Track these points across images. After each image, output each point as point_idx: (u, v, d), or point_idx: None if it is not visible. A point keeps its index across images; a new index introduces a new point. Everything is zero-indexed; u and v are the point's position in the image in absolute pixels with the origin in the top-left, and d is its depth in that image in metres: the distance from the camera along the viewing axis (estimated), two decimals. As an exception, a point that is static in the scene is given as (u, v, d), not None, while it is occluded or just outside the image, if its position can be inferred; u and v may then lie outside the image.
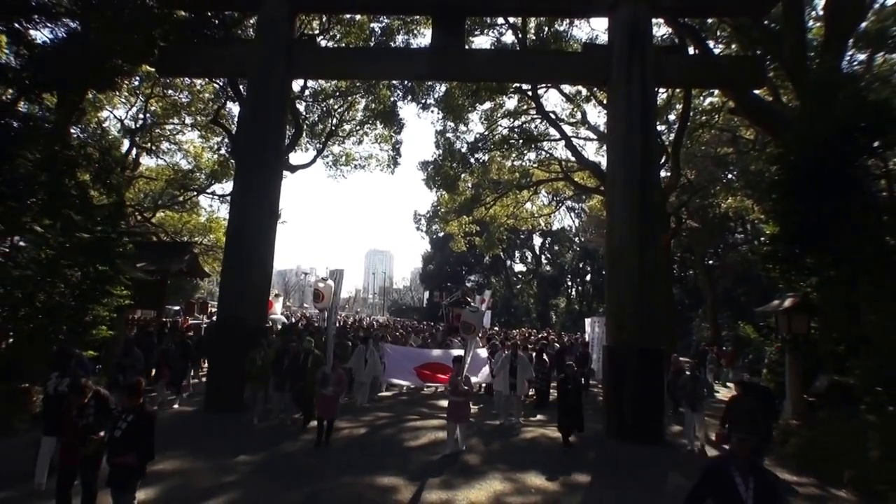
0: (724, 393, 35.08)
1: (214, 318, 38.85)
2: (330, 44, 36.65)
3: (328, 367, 17.73)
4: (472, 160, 47.65)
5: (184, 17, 25.07)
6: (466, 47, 25.47)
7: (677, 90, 37.73)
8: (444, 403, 19.02)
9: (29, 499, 11.43)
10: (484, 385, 25.99)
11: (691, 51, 31.87)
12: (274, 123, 23.18)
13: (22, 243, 19.23)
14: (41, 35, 28.67)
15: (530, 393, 25.52)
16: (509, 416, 21.17)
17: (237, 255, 22.03)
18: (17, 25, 20.78)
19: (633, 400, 18.92)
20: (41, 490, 11.66)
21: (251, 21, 31.56)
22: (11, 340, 17.74)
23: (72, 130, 26.78)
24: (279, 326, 31.80)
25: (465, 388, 17.27)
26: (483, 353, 25.75)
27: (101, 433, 9.59)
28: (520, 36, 38.07)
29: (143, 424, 9.34)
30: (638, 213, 20.67)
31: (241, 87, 34.74)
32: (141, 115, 44.87)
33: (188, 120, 46.43)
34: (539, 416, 23.02)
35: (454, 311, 41.07)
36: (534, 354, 26.36)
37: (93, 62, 20.26)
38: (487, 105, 44.64)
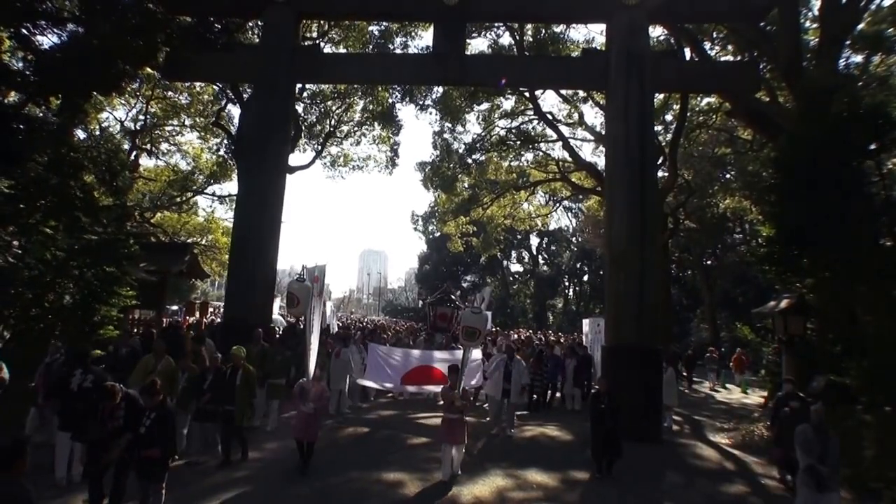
0: (724, 394, 35.48)
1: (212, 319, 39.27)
2: (329, 47, 36.92)
3: (307, 379, 15.02)
4: (470, 161, 47.83)
5: (187, 22, 25.38)
6: (467, 52, 25.85)
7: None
8: (429, 420, 19.74)
9: (52, 491, 11.89)
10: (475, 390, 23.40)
11: (687, 53, 32.26)
12: (277, 128, 23.58)
13: (26, 245, 19.46)
14: (47, 40, 28.95)
15: (524, 401, 23.21)
16: (501, 425, 20.00)
17: (243, 258, 22.60)
18: (23, 31, 21.15)
19: (631, 399, 18.65)
20: (63, 485, 12.19)
21: (252, 24, 32.06)
22: (23, 339, 18.01)
23: (75, 132, 27.17)
24: (279, 329, 31.48)
25: (462, 402, 14.90)
26: (476, 354, 22.19)
27: (126, 436, 10.11)
28: (517, 38, 38.33)
29: (165, 421, 10.26)
30: (636, 213, 21.05)
31: (240, 89, 35.21)
32: (141, 117, 45.08)
33: (188, 121, 46.47)
34: (535, 425, 21.65)
35: (438, 311, 40.86)
36: (531, 358, 24.74)
37: (97, 66, 20.53)
38: (485, 106, 44.82)
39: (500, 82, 26.11)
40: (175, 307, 50.30)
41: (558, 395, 27.14)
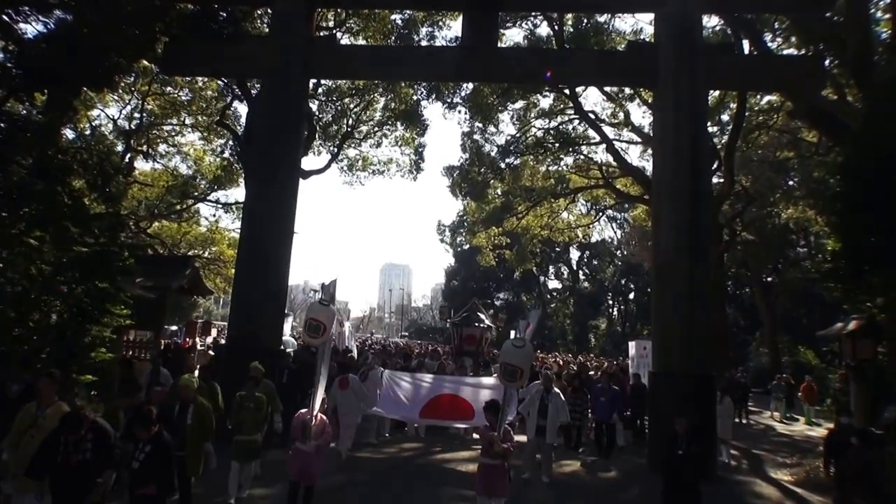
0: (787, 426, 35.13)
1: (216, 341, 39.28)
2: (347, 38, 36.78)
3: (309, 413, 13.51)
4: (503, 165, 47.70)
5: (188, 10, 25.29)
6: (499, 45, 25.76)
7: (731, 87, 37.71)
8: (460, 465, 19.11)
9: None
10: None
11: (746, 47, 32.04)
12: (290, 129, 23.36)
13: (8, 258, 19.36)
14: (31, 28, 28.89)
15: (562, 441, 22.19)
16: (538, 470, 18.61)
17: (250, 272, 22.39)
18: (4, 17, 21.09)
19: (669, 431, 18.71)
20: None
21: (261, 12, 31.96)
22: (4, 363, 17.93)
23: (63, 132, 27.11)
24: (290, 351, 30.95)
25: (505, 446, 12.62)
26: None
27: (108, 473, 9.99)
28: (556, 28, 38.09)
29: (161, 454, 9.96)
30: (687, 224, 20.73)
31: (248, 84, 35.08)
32: (136, 115, 44.84)
33: (188, 120, 46.39)
34: (574, 463, 21.14)
35: (464, 331, 40.23)
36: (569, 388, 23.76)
37: (88, 58, 20.45)
38: (520, 104, 44.48)
39: (546, 75, 25.80)
40: (174, 327, 50.18)
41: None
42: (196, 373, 19.05)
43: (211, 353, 31.32)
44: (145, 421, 10.09)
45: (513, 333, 13.54)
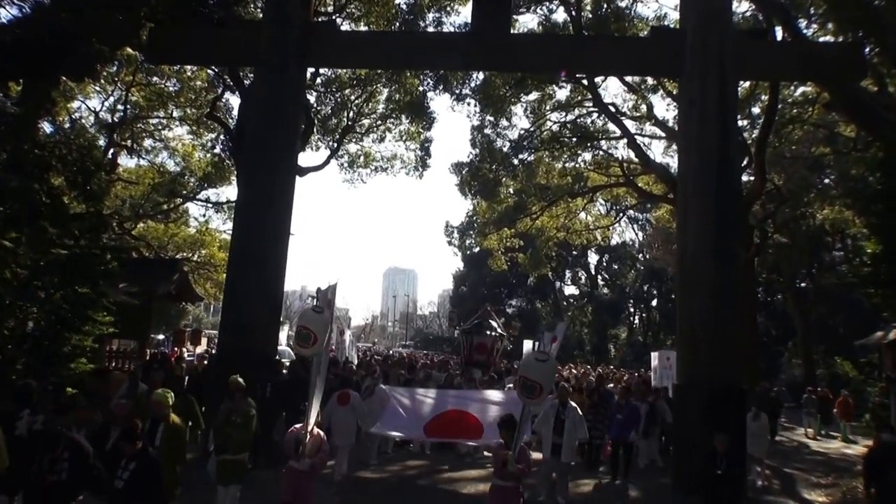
0: (821, 443, 35.00)
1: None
2: (347, 24, 36.66)
3: (304, 429, 12.91)
4: (516, 161, 47.67)
5: (176, -7, 25.15)
6: (512, 31, 25.66)
7: (762, 78, 37.51)
8: (468, 485, 19.00)
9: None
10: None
11: (779, 33, 31.90)
12: (286, 122, 23.21)
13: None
14: (5, 12, 28.82)
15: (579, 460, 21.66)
16: (553, 491, 18.23)
17: (243, 277, 22.18)
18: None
19: (707, 440, 18.02)
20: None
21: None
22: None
23: (40, 126, 27.00)
24: (286, 361, 30.24)
25: (520, 466, 12.14)
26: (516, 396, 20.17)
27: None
28: (573, 14, 38.02)
29: (148, 472, 9.71)
30: (714, 225, 20.50)
31: (240, 74, 34.91)
32: (120, 107, 44.68)
33: (176, 113, 46.35)
34: (592, 482, 21.06)
35: (474, 340, 40.00)
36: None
37: (68, 45, 20.37)
38: (534, 95, 44.58)
39: (557, 70, 25.62)
40: (161, 336, 50.33)
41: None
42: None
43: (206, 363, 31.12)
44: (131, 435, 9.88)
45: (527, 344, 13.26)
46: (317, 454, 12.92)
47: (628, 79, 42.16)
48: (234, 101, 42.62)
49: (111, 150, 44.72)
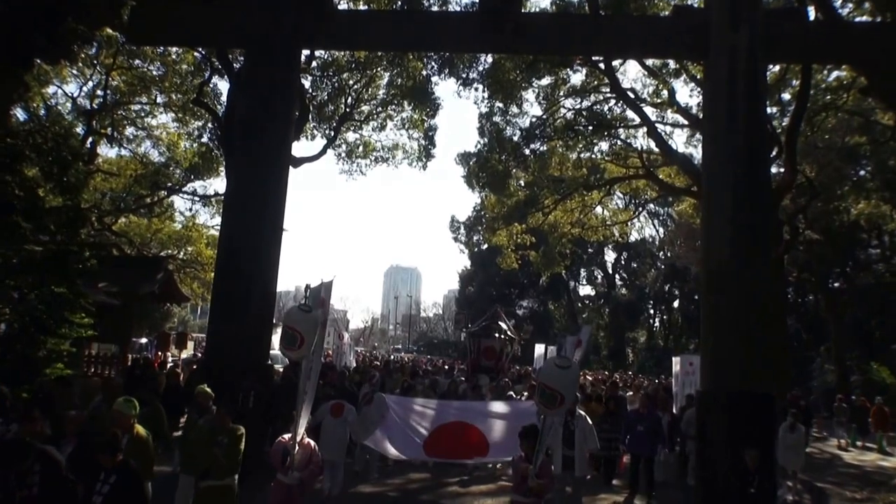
0: (856, 454, 34.93)
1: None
2: (345, 2, 36.52)
3: (294, 440, 12.91)
4: (527, 151, 47.35)
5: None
6: (524, 10, 25.57)
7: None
8: (476, 500, 18.95)
9: None
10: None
11: (811, 13, 31.79)
12: (279, 108, 23.08)
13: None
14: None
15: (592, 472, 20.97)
16: None
17: (232, 276, 21.99)
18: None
19: (732, 462, 17.56)
20: None
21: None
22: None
23: (12, 113, 26.91)
24: (279, 367, 29.96)
25: (541, 481, 12.17)
26: (527, 407, 18.94)
27: None
28: (588, -10, 37.92)
29: (128, 486, 9.60)
30: (742, 220, 20.29)
31: (229, 57, 34.90)
32: (99, 92, 44.63)
33: (160, 99, 46.39)
34: (610, 498, 20.93)
35: (482, 344, 39.87)
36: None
37: (41, 25, 20.29)
38: (547, 80, 44.27)
39: (572, 52, 25.38)
40: (144, 340, 50.13)
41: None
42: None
43: (195, 367, 30.97)
44: (110, 447, 9.79)
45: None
46: (306, 467, 12.90)
47: (648, 62, 42.12)
48: (223, 86, 42.81)
49: (90, 139, 44.65)
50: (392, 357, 76.12)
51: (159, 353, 41.84)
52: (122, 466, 9.70)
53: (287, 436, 13.09)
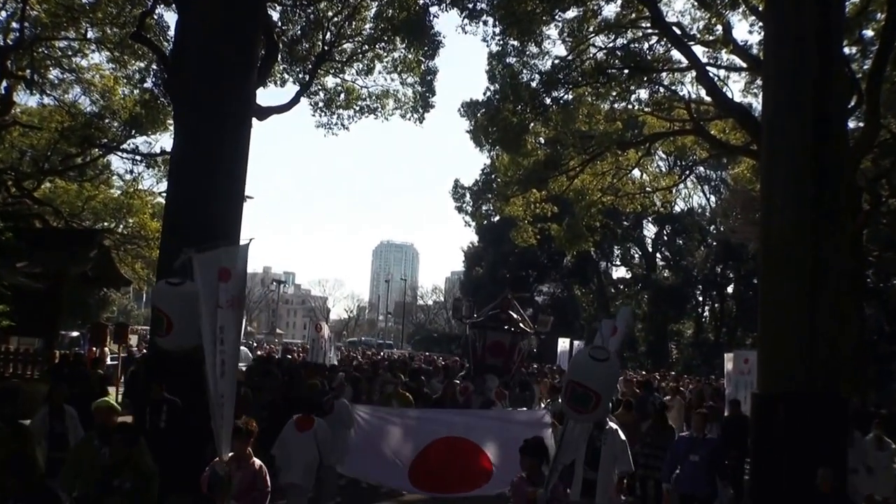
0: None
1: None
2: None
3: (223, 458, 12.31)
4: (548, 100, 46.72)
5: None
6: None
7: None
8: None
9: None
10: None
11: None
12: (240, 46, 23.14)
13: None
14: None
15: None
16: None
17: (180, 253, 21.67)
18: None
19: (796, 472, 17.76)
20: None
21: None
22: None
23: None
24: (243, 366, 29.71)
25: None
26: (541, 414, 19.53)
27: None
28: None
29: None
30: (811, 186, 20.03)
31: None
32: (14, 25, 44.44)
33: (91, 33, 45.85)
34: None
35: (489, 338, 39.48)
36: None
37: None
38: (573, 13, 43.92)
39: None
40: (76, 333, 49.94)
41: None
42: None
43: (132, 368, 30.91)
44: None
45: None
46: (248, 494, 12.37)
47: (698, -9, 41.90)
48: (171, 17, 42.36)
49: (3, 84, 44.50)
50: (382, 355, 75.36)
51: (94, 349, 41.86)
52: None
53: (215, 460, 12.36)
